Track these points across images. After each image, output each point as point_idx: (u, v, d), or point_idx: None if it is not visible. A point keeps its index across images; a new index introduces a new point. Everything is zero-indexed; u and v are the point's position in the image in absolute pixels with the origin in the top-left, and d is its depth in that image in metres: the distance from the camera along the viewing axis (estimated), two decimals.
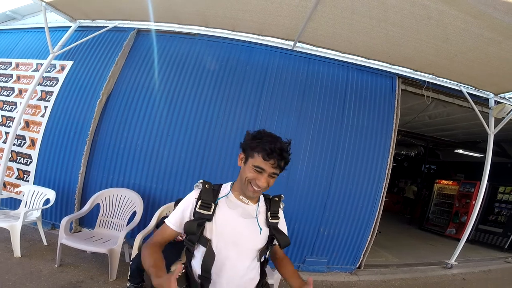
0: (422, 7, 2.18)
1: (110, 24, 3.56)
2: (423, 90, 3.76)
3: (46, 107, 3.55)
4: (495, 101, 3.83)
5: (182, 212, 1.06)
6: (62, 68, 3.69)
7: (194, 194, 1.08)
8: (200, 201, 1.03)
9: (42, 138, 3.48)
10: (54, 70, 3.70)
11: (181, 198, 1.24)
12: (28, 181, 3.47)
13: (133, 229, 2.71)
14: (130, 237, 2.87)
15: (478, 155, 7.25)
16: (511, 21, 2.07)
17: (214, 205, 1.03)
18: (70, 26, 3.65)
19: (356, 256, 3.48)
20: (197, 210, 1.01)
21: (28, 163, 3.50)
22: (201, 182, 1.09)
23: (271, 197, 1.18)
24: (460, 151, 7.68)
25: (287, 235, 1.13)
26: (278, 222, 1.14)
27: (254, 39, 3.45)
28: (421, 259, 4.42)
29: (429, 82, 3.68)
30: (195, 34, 3.56)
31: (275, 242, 1.10)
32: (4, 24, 4.42)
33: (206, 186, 1.07)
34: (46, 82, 3.66)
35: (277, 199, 1.18)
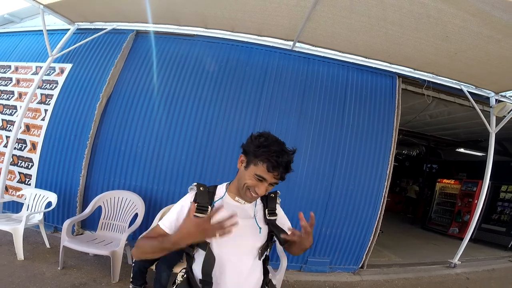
0: (420, 6, 2.18)
1: (109, 26, 3.57)
2: (424, 89, 3.76)
3: (46, 111, 3.55)
4: (496, 99, 3.84)
5: (177, 215, 1.02)
6: (62, 70, 3.69)
7: (189, 197, 1.06)
8: (195, 204, 1.00)
9: (43, 142, 3.49)
10: (53, 73, 3.70)
11: None
12: (29, 184, 3.47)
13: (135, 231, 2.70)
14: (132, 239, 2.86)
15: (480, 154, 7.24)
16: (510, 19, 2.07)
17: (210, 207, 1.01)
18: (69, 29, 3.65)
19: (358, 256, 3.47)
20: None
21: (29, 167, 3.50)
22: (195, 184, 1.06)
23: (267, 194, 1.16)
24: (461, 150, 7.65)
25: (292, 227, 1.10)
26: (276, 219, 1.13)
27: (253, 40, 3.45)
28: (424, 259, 4.40)
29: (429, 81, 3.68)
30: (194, 35, 3.56)
31: (275, 239, 1.09)
32: (2, 27, 4.42)
33: (201, 189, 1.05)
34: (45, 85, 3.66)
35: (273, 196, 1.16)
